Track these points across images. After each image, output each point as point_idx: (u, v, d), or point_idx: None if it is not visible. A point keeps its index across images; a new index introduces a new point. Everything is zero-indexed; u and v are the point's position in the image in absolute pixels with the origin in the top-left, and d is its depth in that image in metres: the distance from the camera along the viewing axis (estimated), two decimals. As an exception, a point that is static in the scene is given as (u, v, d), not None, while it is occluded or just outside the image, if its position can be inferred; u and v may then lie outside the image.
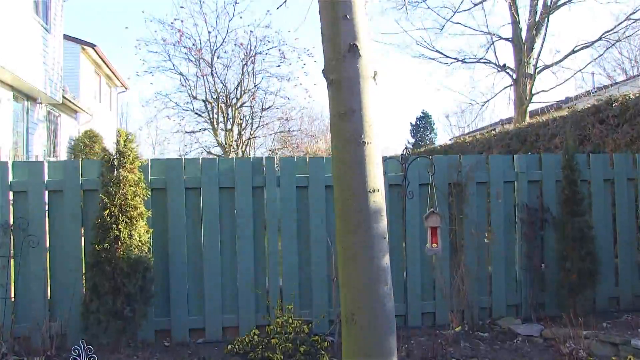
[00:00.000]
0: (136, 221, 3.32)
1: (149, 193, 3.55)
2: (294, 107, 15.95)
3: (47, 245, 3.58)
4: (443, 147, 10.05)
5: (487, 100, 15.22)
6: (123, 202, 3.28)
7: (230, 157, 13.03)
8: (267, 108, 14.78)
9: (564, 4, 12.53)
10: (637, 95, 5.26)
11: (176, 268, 3.71)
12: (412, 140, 50.19)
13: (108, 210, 3.25)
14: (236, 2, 10.06)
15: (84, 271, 3.49)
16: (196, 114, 12.82)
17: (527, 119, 12.90)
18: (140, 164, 3.48)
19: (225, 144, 12.40)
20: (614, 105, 5.46)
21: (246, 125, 14.50)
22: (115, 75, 19.53)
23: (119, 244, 3.23)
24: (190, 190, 3.77)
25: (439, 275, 3.98)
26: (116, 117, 21.63)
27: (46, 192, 3.60)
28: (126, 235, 3.24)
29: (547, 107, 16.89)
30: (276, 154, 20.65)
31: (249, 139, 13.88)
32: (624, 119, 5.27)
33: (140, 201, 3.39)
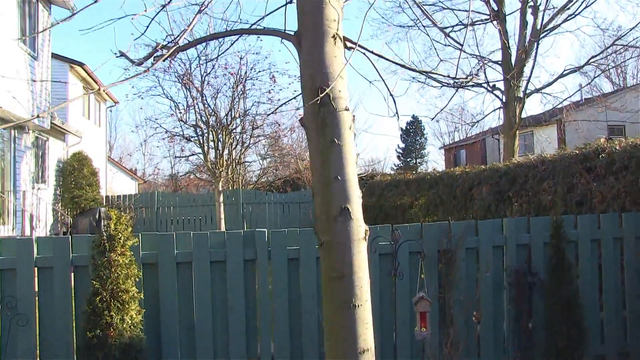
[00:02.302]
0: (128, 305, 3.30)
1: (141, 274, 3.54)
2: (285, 125, 15.96)
3: (37, 324, 3.55)
4: (433, 176, 10.08)
5: (477, 121, 15.48)
6: (115, 287, 3.27)
7: (220, 181, 13.01)
8: (257, 127, 14.78)
9: (553, 29, 12.68)
10: (624, 146, 5.35)
11: (169, 341, 3.70)
12: (403, 145, 50.43)
13: (100, 297, 3.23)
14: (227, 29, 10.03)
15: (74, 351, 3.46)
16: (186, 139, 12.78)
17: (517, 142, 13.05)
18: (131, 243, 3.48)
19: (216, 168, 12.35)
20: (600, 156, 5.55)
21: (236, 145, 14.48)
22: (104, 90, 19.38)
23: (111, 329, 3.21)
24: (182, 264, 3.77)
25: (427, 343, 4.01)
26: (105, 132, 21.46)
27: (35, 269, 3.58)
28: (118, 321, 3.23)
29: (535, 118, 17.09)
30: (267, 171, 20.66)
31: (239, 163, 13.83)
32: (610, 171, 5.35)
33: (132, 283, 3.38)
